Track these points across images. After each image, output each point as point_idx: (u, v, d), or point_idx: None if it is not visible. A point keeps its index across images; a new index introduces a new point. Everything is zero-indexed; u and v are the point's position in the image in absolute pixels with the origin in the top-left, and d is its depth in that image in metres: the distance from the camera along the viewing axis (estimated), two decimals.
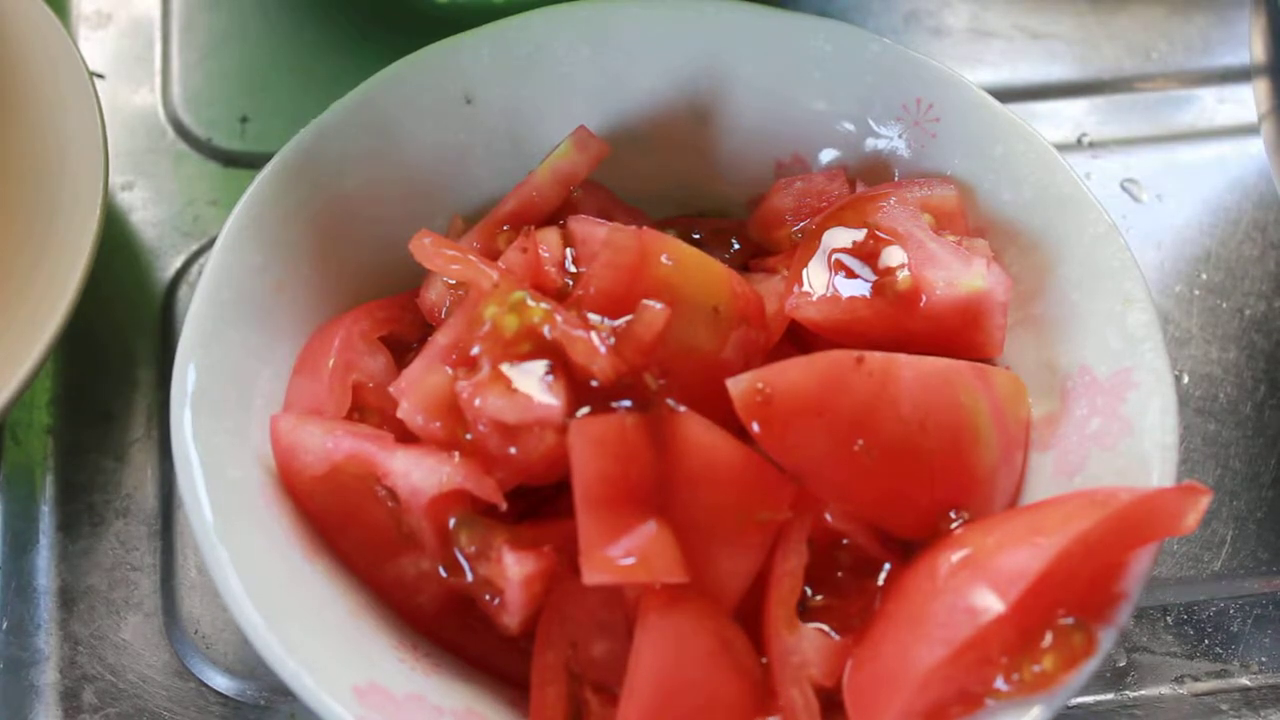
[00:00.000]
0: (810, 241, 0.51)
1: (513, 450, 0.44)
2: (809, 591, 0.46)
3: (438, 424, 0.46)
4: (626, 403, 0.44)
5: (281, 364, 0.50)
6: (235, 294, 0.49)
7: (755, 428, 0.44)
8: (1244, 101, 0.67)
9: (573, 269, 0.50)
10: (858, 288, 0.49)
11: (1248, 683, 0.54)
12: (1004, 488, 0.48)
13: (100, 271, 0.55)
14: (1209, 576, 0.57)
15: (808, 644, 0.44)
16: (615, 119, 0.56)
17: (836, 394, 0.45)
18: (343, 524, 0.48)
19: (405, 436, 0.47)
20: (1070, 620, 0.43)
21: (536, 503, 0.47)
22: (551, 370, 0.44)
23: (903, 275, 0.49)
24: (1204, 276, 0.63)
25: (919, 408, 0.45)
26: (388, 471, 0.46)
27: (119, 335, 0.61)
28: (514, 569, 0.44)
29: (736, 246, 0.55)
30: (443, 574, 0.46)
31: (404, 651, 0.46)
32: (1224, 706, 0.54)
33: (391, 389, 0.47)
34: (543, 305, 0.45)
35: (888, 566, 0.46)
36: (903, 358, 0.46)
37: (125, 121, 0.66)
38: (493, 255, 0.51)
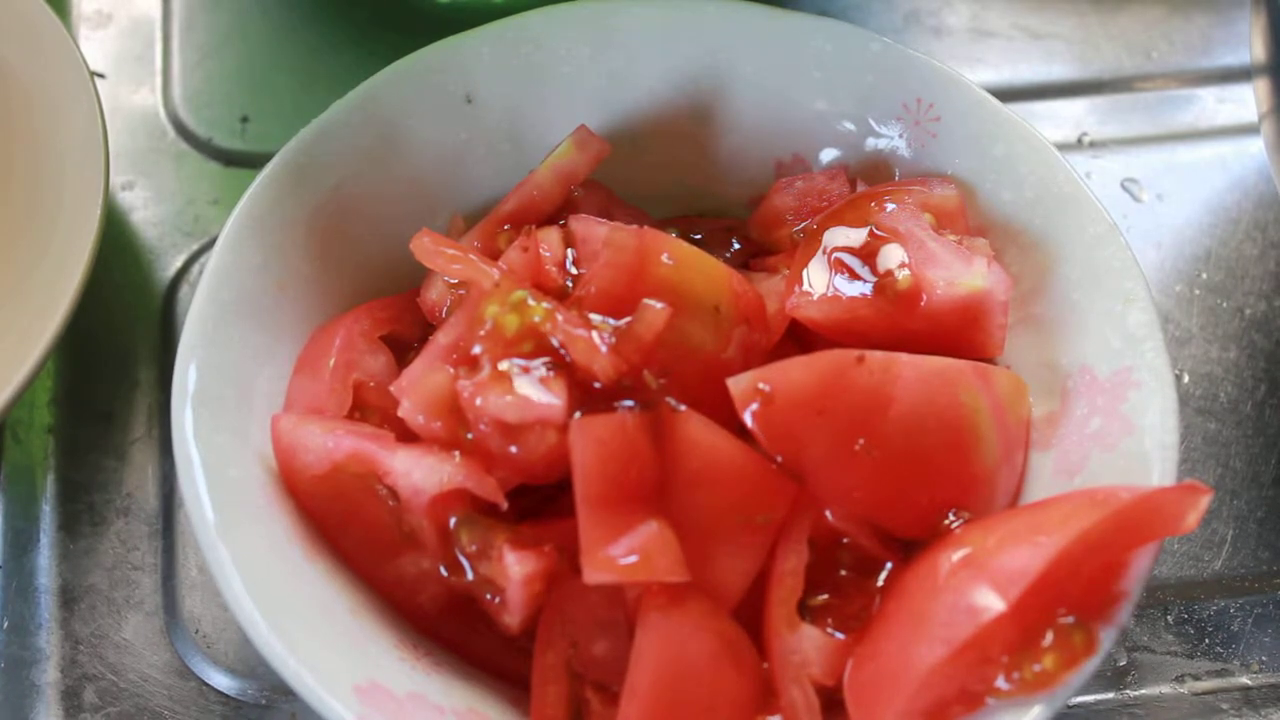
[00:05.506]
0: (811, 241, 0.51)
1: (514, 449, 0.44)
2: (809, 591, 0.46)
3: (439, 423, 0.46)
4: (628, 402, 0.44)
5: (282, 363, 0.50)
6: (236, 293, 0.49)
7: (756, 427, 0.44)
8: (1244, 101, 0.67)
9: (573, 269, 0.50)
10: (858, 287, 0.49)
11: (1248, 682, 0.54)
12: (1004, 487, 0.48)
13: (101, 271, 0.55)
14: (1209, 576, 0.57)
15: (808, 643, 0.44)
16: (616, 118, 0.55)
17: (837, 393, 0.45)
18: (344, 523, 0.48)
19: (406, 436, 0.47)
20: (1071, 619, 0.43)
21: (537, 502, 0.47)
22: (552, 369, 0.44)
23: (903, 275, 0.49)
24: (1204, 276, 0.63)
25: (920, 407, 0.45)
26: (389, 471, 0.46)
27: (120, 335, 0.61)
28: (515, 568, 0.44)
29: (737, 246, 0.55)
30: (443, 573, 0.46)
31: (405, 650, 0.46)
32: (1224, 706, 0.54)
33: (392, 388, 0.47)
34: (544, 305, 0.45)
35: (888, 566, 0.46)
36: (903, 357, 0.46)
37: (126, 121, 0.66)
38: (493, 255, 0.51)
